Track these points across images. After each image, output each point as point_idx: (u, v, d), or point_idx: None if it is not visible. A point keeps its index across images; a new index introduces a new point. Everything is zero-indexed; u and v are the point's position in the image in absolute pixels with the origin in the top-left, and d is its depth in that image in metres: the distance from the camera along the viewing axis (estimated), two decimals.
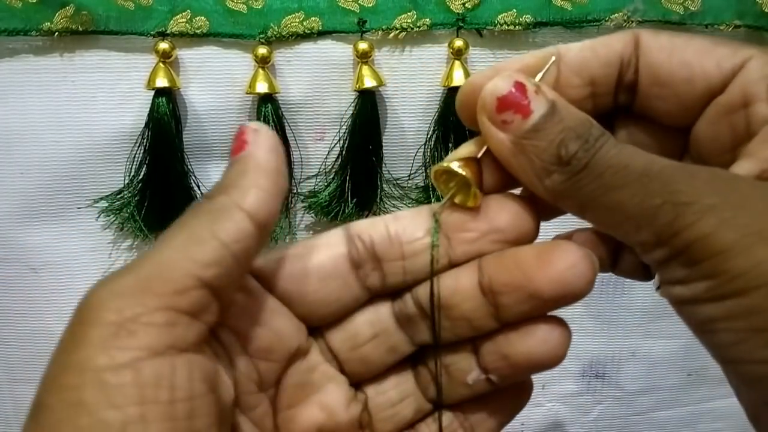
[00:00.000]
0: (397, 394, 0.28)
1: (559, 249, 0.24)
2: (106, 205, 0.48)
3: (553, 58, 0.26)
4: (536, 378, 0.27)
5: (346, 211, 0.48)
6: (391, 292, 0.27)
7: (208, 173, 0.49)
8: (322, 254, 0.26)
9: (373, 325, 0.27)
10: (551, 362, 0.25)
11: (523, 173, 0.24)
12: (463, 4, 0.46)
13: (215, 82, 0.47)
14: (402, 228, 0.26)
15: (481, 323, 0.25)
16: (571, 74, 0.26)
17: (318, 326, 0.27)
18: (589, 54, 0.26)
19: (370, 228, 0.26)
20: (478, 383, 0.26)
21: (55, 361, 0.21)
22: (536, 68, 0.26)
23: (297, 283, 0.26)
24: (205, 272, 0.21)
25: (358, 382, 0.28)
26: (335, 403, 0.27)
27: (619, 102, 0.27)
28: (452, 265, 0.26)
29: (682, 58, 0.25)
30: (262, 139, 0.24)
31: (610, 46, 0.26)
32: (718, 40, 0.26)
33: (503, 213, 0.25)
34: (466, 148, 0.26)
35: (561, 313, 0.25)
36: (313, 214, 0.50)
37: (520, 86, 0.23)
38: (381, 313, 0.27)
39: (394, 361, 0.28)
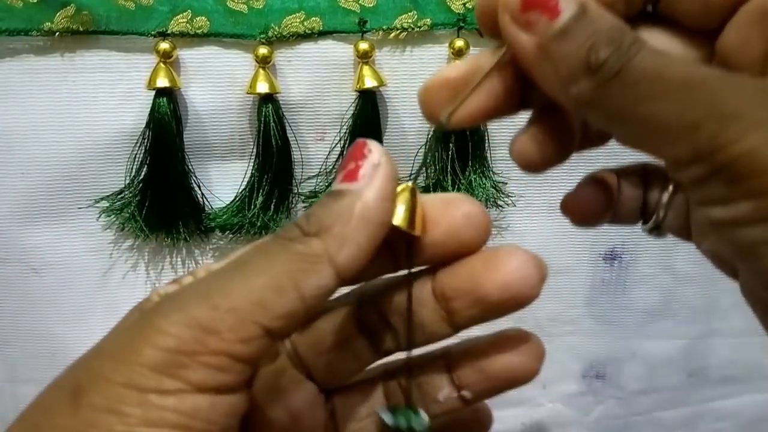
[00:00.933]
0: (365, 409, 0.27)
1: (505, 254, 0.24)
2: (107, 205, 0.48)
3: None
4: (537, 378, 0.27)
5: None
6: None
7: (208, 173, 0.49)
8: None
9: (336, 332, 0.27)
10: (526, 377, 0.25)
11: (547, 80, 0.22)
12: (464, 4, 0.46)
13: (216, 82, 0.47)
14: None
15: (435, 329, 0.25)
16: None
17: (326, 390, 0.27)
18: None
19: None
20: (449, 401, 0.26)
21: (110, 354, 0.21)
22: None
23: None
24: (274, 324, 0.21)
25: (327, 390, 0.28)
26: (301, 406, 0.27)
27: (645, 4, 0.24)
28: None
29: None
30: (380, 179, 0.22)
31: None
32: None
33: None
34: (481, 59, 0.24)
35: (563, 313, 0.25)
36: None
37: None
38: (343, 319, 0.27)
39: (360, 368, 0.27)
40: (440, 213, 0.24)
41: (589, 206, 0.28)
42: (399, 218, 0.23)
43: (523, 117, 0.26)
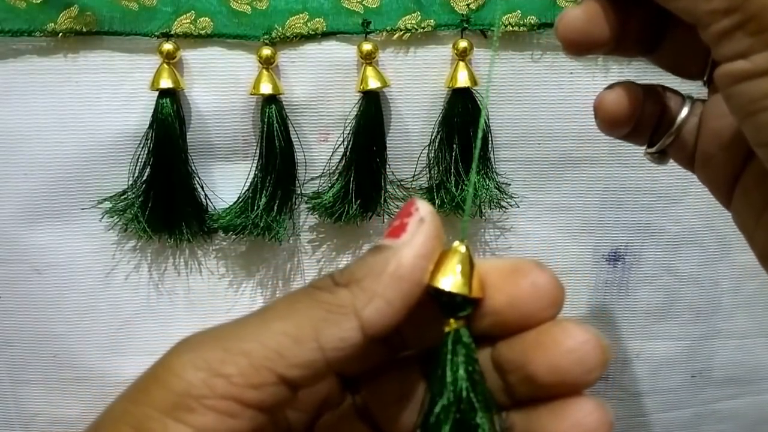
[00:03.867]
0: None
1: (561, 330, 0.21)
2: (110, 205, 0.48)
3: None
4: None
5: (350, 212, 0.48)
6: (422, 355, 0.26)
7: (211, 174, 0.49)
8: None
9: (402, 387, 0.25)
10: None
11: None
12: (468, 5, 0.46)
13: (219, 83, 0.47)
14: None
15: (498, 398, 0.23)
16: None
17: (352, 380, 0.26)
18: None
19: None
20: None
21: (125, 396, 0.21)
22: None
23: None
24: (290, 372, 0.20)
25: None
26: None
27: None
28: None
29: None
30: (421, 236, 0.21)
31: None
32: None
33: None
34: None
35: (566, 314, 0.24)
36: (317, 215, 0.50)
37: None
38: (410, 376, 0.25)
39: None
40: (505, 279, 0.22)
41: (617, 109, 0.27)
42: (456, 283, 0.21)
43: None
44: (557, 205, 0.51)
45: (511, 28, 0.46)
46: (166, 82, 0.45)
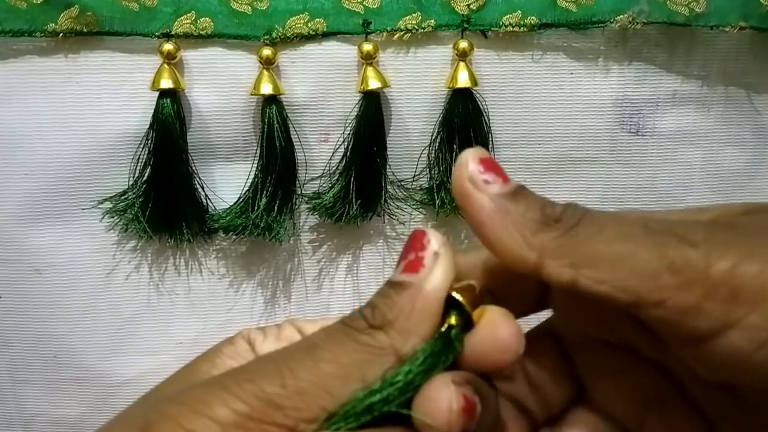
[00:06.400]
0: None
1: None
2: (111, 206, 0.48)
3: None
4: None
5: (351, 212, 0.48)
6: None
7: (212, 174, 0.49)
8: None
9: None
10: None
11: (504, 239, 0.23)
12: (468, 5, 0.46)
13: (220, 83, 0.47)
14: None
15: None
16: None
17: None
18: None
19: None
20: None
21: (180, 397, 0.23)
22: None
23: None
24: (333, 406, 0.22)
25: None
26: None
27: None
28: None
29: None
30: (440, 271, 0.23)
31: None
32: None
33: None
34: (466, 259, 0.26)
35: None
36: (317, 216, 0.50)
37: (486, 162, 0.24)
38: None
39: None
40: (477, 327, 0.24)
41: None
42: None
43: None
44: None
45: (511, 29, 0.46)
46: (166, 83, 0.45)
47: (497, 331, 0.23)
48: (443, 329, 0.24)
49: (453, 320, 0.24)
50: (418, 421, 0.22)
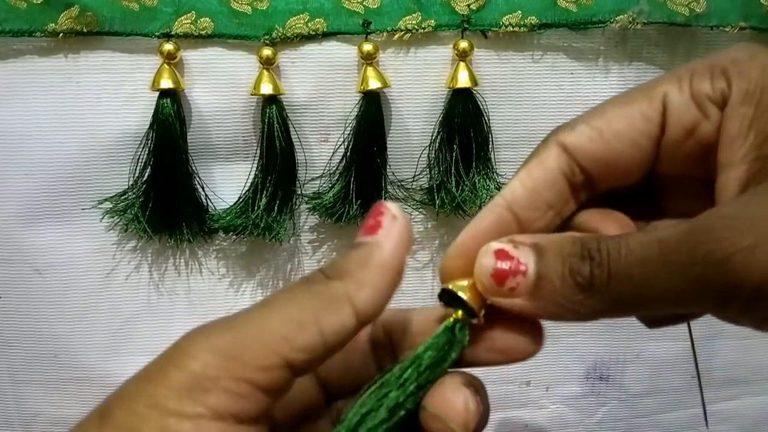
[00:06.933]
0: None
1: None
2: (111, 206, 0.48)
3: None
4: (540, 380, 0.28)
5: (351, 212, 0.48)
6: None
7: (212, 174, 0.49)
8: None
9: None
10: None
11: (557, 315, 0.24)
12: (468, 5, 0.46)
13: (220, 83, 0.47)
14: (418, 325, 0.28)
15: None
16: (527, 211, 0.26)
17: (333, 395, 0.29)
18: (532, 184, 0.26)
19: (390, 318, 0.28)
20: None
21: (139, 377, 0.22)
22: (489, 228, 0.26)
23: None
24: (295, 356, 0.22)
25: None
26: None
27: (581, 199, 0.27)
28: None
29: (611, 132, 0.25)
30: (395, 230, 0.24)
31: (545, 168, 0.26)
32: (628, 93, 0.26)
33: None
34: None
35: None
36: (317, 216, 0.50)
37: (500, 253, 0.24)
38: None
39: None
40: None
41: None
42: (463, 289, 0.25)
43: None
44: None
45: (511, 29, 0.46)
46: (166, 83, 0.45)
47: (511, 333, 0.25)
48: (449, 323, 0.25)
49: (458, 315, 0.25)
50: (435, 424, 0.23)
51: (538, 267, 0.24)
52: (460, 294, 0.25)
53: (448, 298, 0.26)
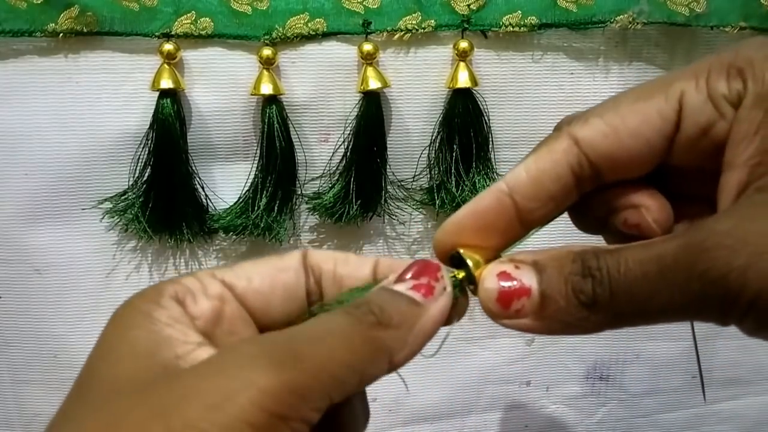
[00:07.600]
0: None
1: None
2: (111, 206, 0.48)
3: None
4: (540, 380, 0.28)
5: (351, 212, 0.48)
6: None
7: (212, 174, 0.49)
8: (286, 276, 0.27)
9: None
10: None
11: (566, 331, 0.25)
12: (468, 5, 0.46)
13: (220, 83, 0.47)
14: (347, 272, 0.27)
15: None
16: (528, 201, 0.26)
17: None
18: (537, 175, 0.26)
19: (322, 263, 0.28)
20: None
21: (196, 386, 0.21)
22: (487, 210, 0.27)
23: (264, 300, 0.26)
24: (336, 400, 0.21)
25: None
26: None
27: (584, 191, 0.27)
28: None
29: (626, 129, 0.25)
30: (443, 302, 0.25)
31: (553, 160, 0.26)
32: (644, 88, 0.26)
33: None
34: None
35: None
36: (317, 216, 0.50)
37: (503, 275, 0.25)
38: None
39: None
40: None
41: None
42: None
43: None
44: None
45: (511, 29, 0.46)
46: (166, 83, 0.45)
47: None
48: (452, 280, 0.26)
49: (459, 275, 0.26)
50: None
51: (541, 287, 0.24)
52: (468, 261, 0.26)
53: (457, 261, 0.27)
